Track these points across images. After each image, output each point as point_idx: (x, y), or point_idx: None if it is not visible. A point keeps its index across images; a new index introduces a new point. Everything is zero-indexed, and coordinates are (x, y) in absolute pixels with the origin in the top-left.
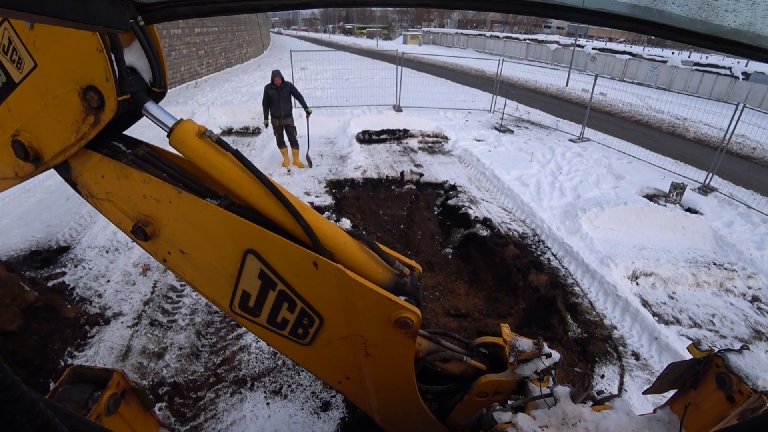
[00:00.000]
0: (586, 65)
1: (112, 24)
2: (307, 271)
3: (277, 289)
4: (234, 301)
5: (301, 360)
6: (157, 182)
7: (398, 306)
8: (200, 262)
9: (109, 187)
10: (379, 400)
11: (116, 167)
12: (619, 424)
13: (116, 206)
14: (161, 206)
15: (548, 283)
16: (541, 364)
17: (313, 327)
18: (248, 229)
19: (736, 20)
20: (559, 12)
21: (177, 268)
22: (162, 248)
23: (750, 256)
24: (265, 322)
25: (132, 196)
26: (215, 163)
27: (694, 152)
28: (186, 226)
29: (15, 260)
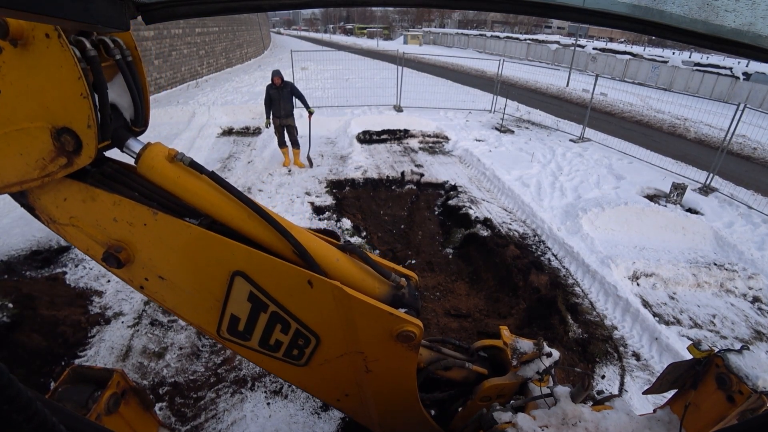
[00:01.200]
0: (586, 65)
1: (112, 24)
2: (301, 290)
3: (269, 311)
4: (222, 326)
5: (296, 381)
6: (129, 203)
7: (399, 320)
8: (182, 288)
9: (74, 211)
10: (381, 414)
11: (80, 189)
12: (619, 424)
13: (83, 232)
14: (135, 230)
15: (549, 283)
16: (542, 364)
17: (309, 347)
18: (235, 249)
19: (737, 20)
20: (560, 12)
21: (156, 295)
22: (138, 275)
23: (751, 257)
24: (256, 345)
25: (101, 220)
26: (190, 189)
27: (694, 152)
28: (164, 249)
29: (16, 260)
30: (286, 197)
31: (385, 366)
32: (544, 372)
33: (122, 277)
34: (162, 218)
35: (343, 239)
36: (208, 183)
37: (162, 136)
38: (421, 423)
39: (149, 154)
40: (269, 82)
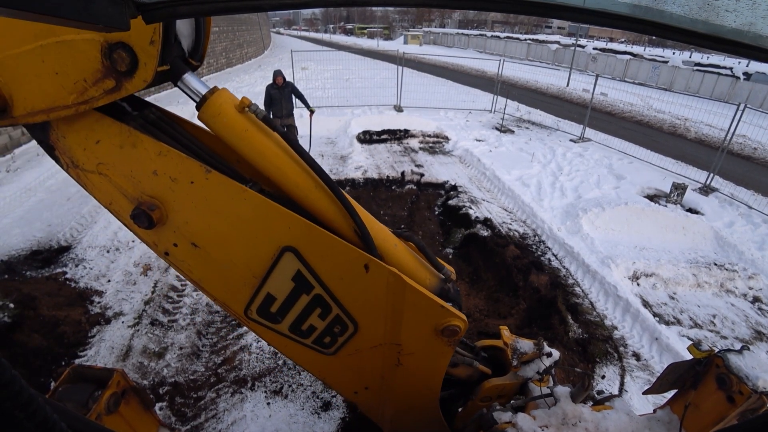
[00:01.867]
0: (586, 65)
1: (113, 23)
2: (354, 274)
3: (312, 293)
4: (252, 305)
5: (317, 370)
6: (177, 156)
7: (449, 314)
8: (216, 259)
9: (105, 156)
10: (396, 410)
11: (120, 132)
12: (619, 424)
13: (111, 182)
14: (178, 187)
15: (549, 283)
16: (543, 364)
17: (344, 335)
18: (293, 223)
19: (737, 20)
20: (560, 12)
21: (182, 264)
22: (166, 239)
23: (751, 257)
24: (286, 329)
25: (137, 171)
26: (257, 146)
27: (695, 152)
28: (208, 214)
29: (16, 260)
30: None
31: (418, 360)
32: (544, 372)
33: (146, 240)
34: (215, 178)
35: None
36: (278, 143)
37: None
38: (435, 422)
39: (218, 99)
40: (270, 82)
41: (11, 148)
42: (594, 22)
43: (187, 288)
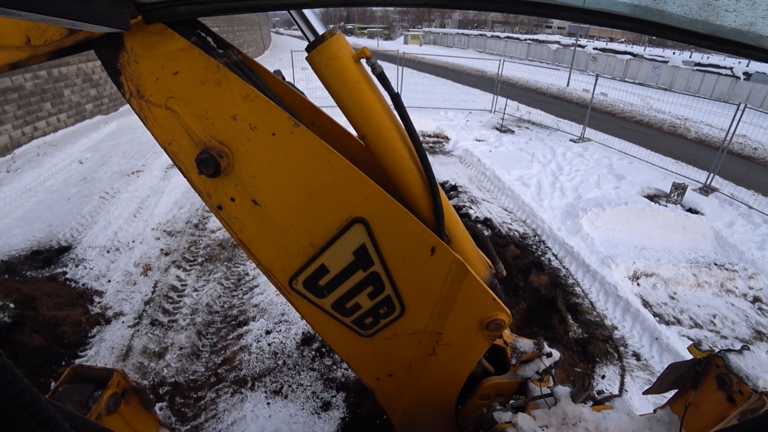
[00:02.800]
0: (587, 65)
1: (113, 23)
2: (419, 255)
3: (369, 270)
4: (300, 275)
5: (346, 351)
6: (265, 103)
7: (499, 307)
8: (275, 221)
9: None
10: (414, 402)
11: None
12: (620, 424)
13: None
14: (255, 137)
15: (549, 283)
16: (542, 364)
17: (387, 318)
18: (372, 194)
19: (737, 20)
20: (560, 12)
21: (233, 221)
22: (225, 191)
23: (751, 257)
24: (328, 305)
25: (213, 112)
26: (363, 101)
27: (695, 152)
28: (282, 171)
29: (16, 260)
30: None
31: (453, 351)
32: (543, 372)
33: (200, 189)
34: (301, 134)
35: None
36: (384, 104)
37: None
38: (446, 418)
39: (337, 43)
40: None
41: (11, 149)
42: (594, 22)
43: (187, 288)
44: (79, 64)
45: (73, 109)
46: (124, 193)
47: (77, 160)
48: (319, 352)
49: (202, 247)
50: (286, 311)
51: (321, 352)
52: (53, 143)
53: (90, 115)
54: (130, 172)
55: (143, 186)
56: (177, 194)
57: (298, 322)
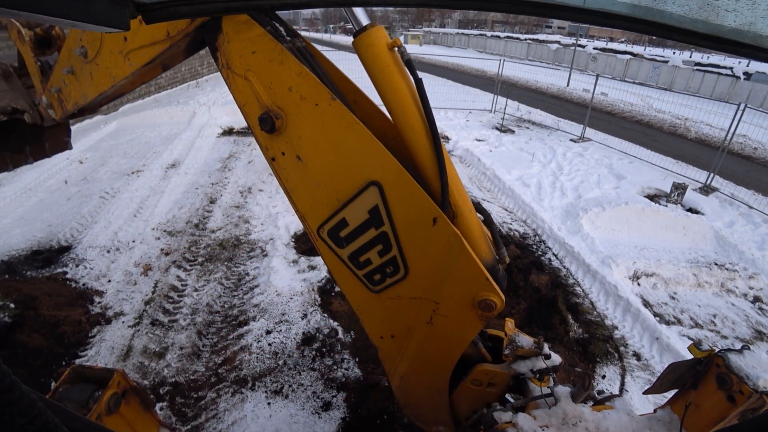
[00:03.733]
0: (587, 65)
1: (113, 24)
2: (422, 223)
3: (380, 229)
4: (326, 225)
5: (357, 304)
6: (312, 79)
7: (491, 288)
8: (312, 175)
9: (255, 65)
10: (410, 367)
11: (274, 48)
12: (620, 423)
13: (251, 87)
14: (303, 105)
15: (549, 283)
16: (539, 364)
17: (393, 277)
18: (386, 162)
19: (737, 20)
20: (560, 12)
21: (282, 172)
22: (278, 146)
23: (751, 257)
24: (345, 256)
25: (276, 84)
26: (391, 82)
27: (695, 152)
28: (319, 135)
29: (16, 260)
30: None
31: (448, 324)
32: (538, 372)
33: (261, 143)
34: (337, 106)
35: None
36: (409, 87)
37: (162, 136)
38: (439, 392)
39: (375, 33)
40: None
41: None
42: (594, 22)
43: (188, 288)
44: None
45: None
46: (124, 193)
47: (77, 160)
48: (319, 352)
49: (203, 247)
50: (287, 311)
51: (321, 352)
52: None
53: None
54: (130, 172)
55: (143, 186)
56: (177, 194)
57: (299, 322)
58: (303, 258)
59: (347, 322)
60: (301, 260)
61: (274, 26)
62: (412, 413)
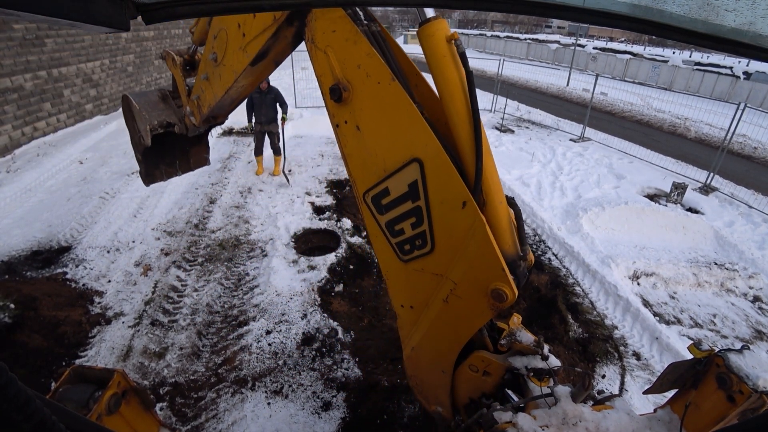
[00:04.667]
0: (586, 65)
1: (113, 24)
2: (453, 204)
3: (416, 203)
4: (371, 191)
5: (386, 269)
6: (378, 60)
7: (505, 279)
8: (366, 145)
9: (333, 43)
10: (422, 341)
11: (351, 30)
12: (620, 423)
13: (328, 61)
14: (368, 81)
15: (549, 282)
16: (535, 362)
17: (421, 250)
18: (429, 142)
19: (737, 20)
20: (560, 12)
21: (343, 138)
22: (342, 115)
23: (751, 256)
24: (383, 222)
25: (348, 60)
26: (444, 71)
27: (695, 152)
28: (377, 109)
29: (16, 260)
30: (287, 197)
31: (461, 306)
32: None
33: (329, 110)
34: (394, 86)
35: (343, 239)
36: (461, 77)
37: None
38: (443, 373)
39: (437, 25)
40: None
41: (11, 149)
42: (594, 22)
43: (188, 288)
44: (78, 64)
45: (73, 109)
46: (124, 193)
47: (77, 161)
48: (319, 352)
49: (202, 248)
50: (286, 311)
51: (321, 352)
52: (53, 143)
53: (90, 115)
54: (130, 172)
55: (143, 186)
56: (177, 194)
57: (298, 322)
58: (303, 258)
59: (347, 322)
60: (301, 260)
61: (355, 10)
62: (416, 387)
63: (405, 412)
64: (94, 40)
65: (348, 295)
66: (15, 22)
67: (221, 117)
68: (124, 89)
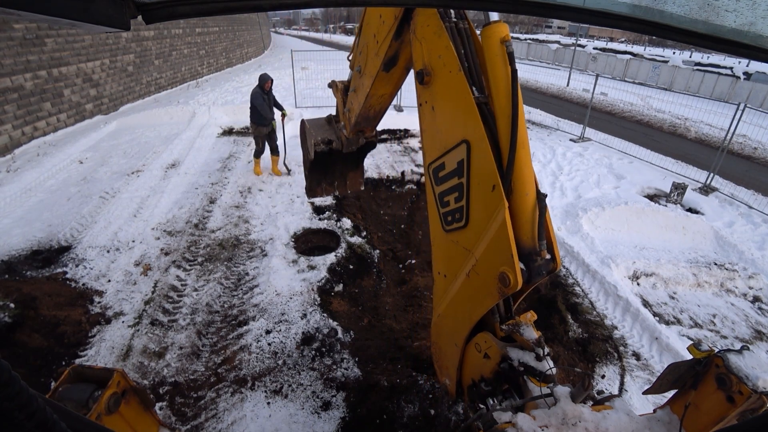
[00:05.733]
0: (587, 65)
1: (113, 24)
2: (485, 186)
3: (460, 180)
4: (433, 163)
5: (433, 236)
6: (453, 53)
7: (512, 264)
8: (437, 123)
9: (426, 35)
10: (446, 309)
11: (438, 26)
12: (619, 424)
13: (422, 49)
14: (443, 70)
15: (548, 282)
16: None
17: (458, 223)
18: (477, 128)
19: (737, 20)
20: (560, 12)
21: (422, 116)
22: (424, 96)
23: (751, 257)
24: (437, 192)
25: (433, 50)
26: (494, 68)
27: (695, 152)
28: (446, 95)
29: (16, 260)
30: (287, 197)
31: (477, 283)
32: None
33: (417, 91)
34: (460, 76)
35: (343, 239)
36: (507, 75)
37: (162, 136)
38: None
39: (496, 28)
40: (256, 88)
41: (11, 149)
42: (594, 22)
43: (187, 288)
44: (78, 64)
45: (73, 109)
46: (124, 193)
47: (77, 160)
48: (318, 351)
49: (202, 247)
50: (286, 311)
51: (321, 351)
52: (53, 143)
53: (90, 115)
54: (130, 172)
55: (143, 186)
56: (177, 194)
57: (298, 321)
58: (302, 258)
59: (347, 321)
60: (301, 260)
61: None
62: (434, 354)
63: (405, 412)
64: (94, 40)
65: (348, 295)
66: (15, 21)
67: (368, 130)
68: (124, 89)
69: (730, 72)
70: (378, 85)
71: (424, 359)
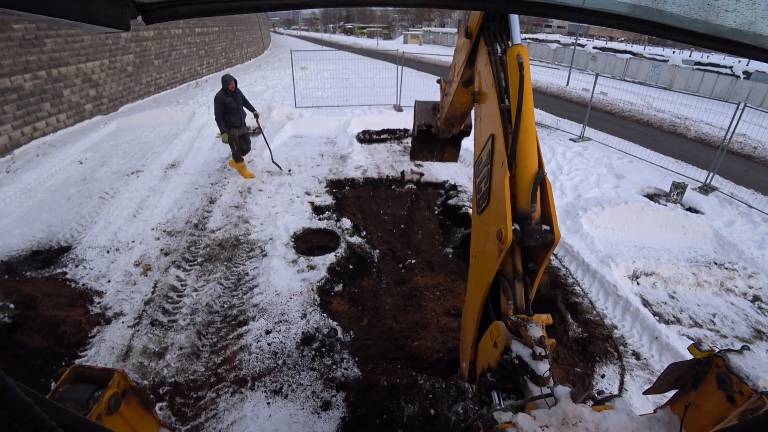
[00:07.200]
0: (586, 64)
1: (113, 24)
2: (500, 163)
3: (488, 166)
4: (475, 158)
5: (473, 221)
6: (489, 73)
7: (505, 221)
8: (480, 128)
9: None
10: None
11: (485, 58)
12: (620, 424)
13: (478, 77)
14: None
15: (548, 282)
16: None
17: (485, 204)
18: (497, 125)
19: (737, 20)
20: (560, 12)
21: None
22: (476, 111)
23: (751, 256)
24: (476, 179)
25: (482, 77)
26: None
27: (695, 151)
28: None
29: (16, 260)
30: (286, 197)
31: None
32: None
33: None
34: (492, 92)
35: (343, 239)
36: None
37: (162, 136)
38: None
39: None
40: (220, 91)
41: (11, 149)
42: (594, 21)
43: (187, 288)
44: (78, 64)
45: (73, 109)
46: (124, 193)
47: (77, 161)
48: (318, 351)
49: (202, 247)
50: (286, 311)
51: (321, 351)
52: (53, 143)
53: (89, 115)
54: (129, 172)
55: (143, 186)
56: (177, 194)
57: (298, 321)
58: (302, 258)
59: (346, 321)
60: (301, 260)
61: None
62: (461, 338)
63: (405, 412)
64: (94, 40)
65: (347, 295)
66: (15, 22)
67: (456, 125)
68: (124, 89)
69: (730, 71)
70: (458, 95)
71: (423, 359)
